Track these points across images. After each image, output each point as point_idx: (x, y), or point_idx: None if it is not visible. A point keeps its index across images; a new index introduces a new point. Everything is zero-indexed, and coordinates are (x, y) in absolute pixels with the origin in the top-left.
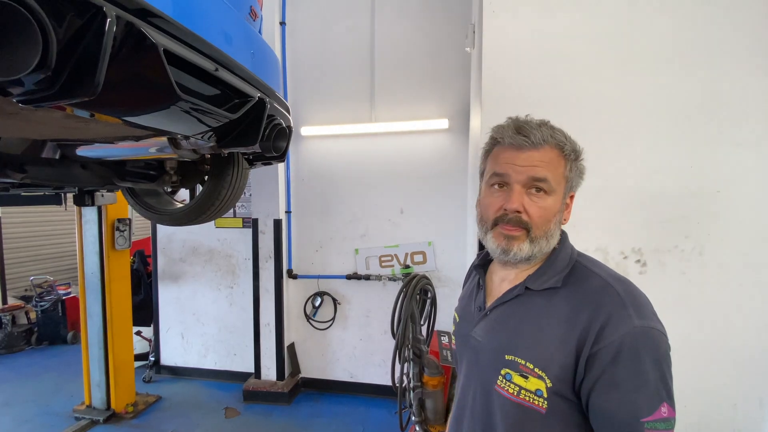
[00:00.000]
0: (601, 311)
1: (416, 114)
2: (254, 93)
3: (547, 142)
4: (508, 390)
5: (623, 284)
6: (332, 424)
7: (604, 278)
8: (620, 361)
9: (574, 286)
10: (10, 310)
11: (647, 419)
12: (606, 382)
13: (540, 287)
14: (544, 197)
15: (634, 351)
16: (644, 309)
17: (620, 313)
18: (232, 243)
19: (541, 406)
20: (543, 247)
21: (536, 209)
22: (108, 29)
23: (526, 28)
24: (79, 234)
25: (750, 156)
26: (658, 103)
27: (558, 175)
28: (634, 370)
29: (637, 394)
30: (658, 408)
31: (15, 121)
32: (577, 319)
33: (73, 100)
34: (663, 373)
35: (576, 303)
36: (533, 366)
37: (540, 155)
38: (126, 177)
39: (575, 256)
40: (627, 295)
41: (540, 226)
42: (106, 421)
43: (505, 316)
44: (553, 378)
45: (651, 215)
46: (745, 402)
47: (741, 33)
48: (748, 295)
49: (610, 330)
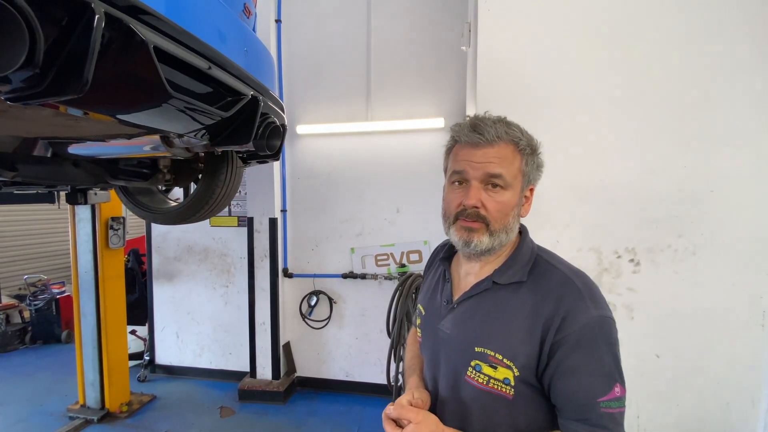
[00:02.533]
0: (562, 304)
1: (412, 113)
2: (247, 91)
3: (501, 138)
4: (477, 380)
5: (581, 278)
6: (328, 423)
7: (564, 272)
8: (580, 348)
9: (537, 280)
10: (3, 309)
11: (603, 399)
12: (567, 368)
13: (506, 281)
14: (501, 192)
15: (591, 339)
16: (599, 300)
17: (579, 305)
18: (227, 242)
19: (508, 393)
20: (503, 240)
21: (493, 204)
22: (96, 26)
23: (522, 27)
24: (72, 232)
25: (743, 156)
26: (652, 102)
27: (514, 170)
28: (592, 356)
29: (594, 378)
30: (612, 388)
31: (4, 119)
32: (541, 311)
33: (61, 98)
34: (615, 356)
35: (539, 296)
36: (502, 357)
37: (495, 152)
38: (119, 175)
39: (536, 250)
40: (585, 288)
41: (498, 220)
42: (100, 421)
43: (474, 309)
44: (520, 367)
45: (644, 215)
46: (738, 401)
47: (734, 32)
48: (741, 295)
49: (571, 321)
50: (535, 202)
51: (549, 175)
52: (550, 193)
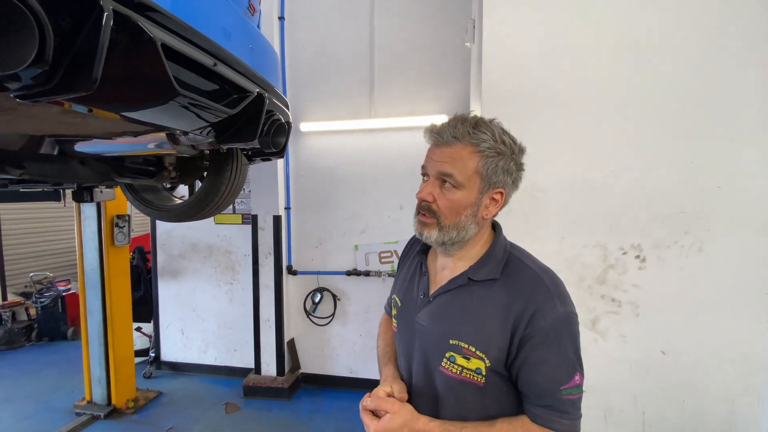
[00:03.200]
0: (532, 300)
1: (416, 109)
2: (253, 88)
3: (459, 139)
4: (451, 370)
5: (549, 275)
6: (332, 419)
7: (535, 270)
8: (546, 342)
9: (509, 278)
10: (10, 307)
11: (565, 386)
12: (535, 360)
13: (481, 278)
14: (453, 191)
15: (558, 333)
16: (565, 297)
17: (548, 302)
18: (232, 239)
19: (479, 381)
20: (453, 236)
21: (443, 201)
22: (105, 23)
23: (527, 23)
24: (78, 230)
25: (750, 151)
26: (658, 98)
27: (468, 170)
28: (557, 349)
29: (559, 369)
30: (573, 377)
31: (12, 117)
32: (512, 307)
33: (70, 96)
34: (577, 348)
35: (511, 293)
36: (475, 349)
37: (450, 151)
38: (125, 173)
39: (508, 248)
40: (553, 286)
41: (447, 217)
42: (106, 417)
43: (449, 303)
44: (492, 359)
45: (650, 211)
46: (744, 398)
47: (739, 26)
48: (747, 291)
49: (539, 317)
50: (540, 198)
51: (554, 170)
52: (556, 189)
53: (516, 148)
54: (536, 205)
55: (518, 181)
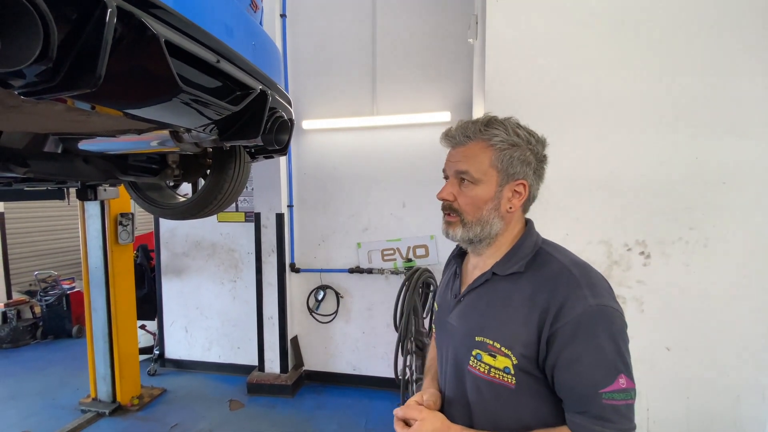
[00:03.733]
0: (558, 293)
1: (418, 107)
2: (256, 85)
3: (471, 138)
4: (479, 369)
5: (580, 267)
6: (335, 416)
7: (563, 262)
8: (578, 338)
9: (535, 270)
10: (15, 305)
11: (605, 390)
12: (567, 358)
13: (505, 272)
14: (471, 187)
15: (590, 327)
16: (599, 289)
17: (576, 293)
18: (235, 237)
19: (510, 382)
20: (477, 232)
21: (463, 198)
22: (109, 20)
23: (530, 18)
24: (82, 229)
25: (755, 147)
26: (663, 93)
27: (483, 166)
28: (591, 345)
29: (595, 368)
30: (615, 379)
31: (17, 115)
32: (537, 301)
33: (74, 92)
34: (619, 347)
35: (537, 285)
36: (500, 345)
37: (464, 150)
38: (128, 171)
39: (540, 243)
40: (583, 277)
41: (469, 213)
42: (111, 414)
43: (476, 300)
44: (518, 356)
45: (655, 207)
46: (749, 394)
47: (747, 22)
48: (753, 287)
49: (567, 309)
50: (544, 194)
51: (558, 168)
52: (560, 185)
53: (533, 139)
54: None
55: (542, 173)
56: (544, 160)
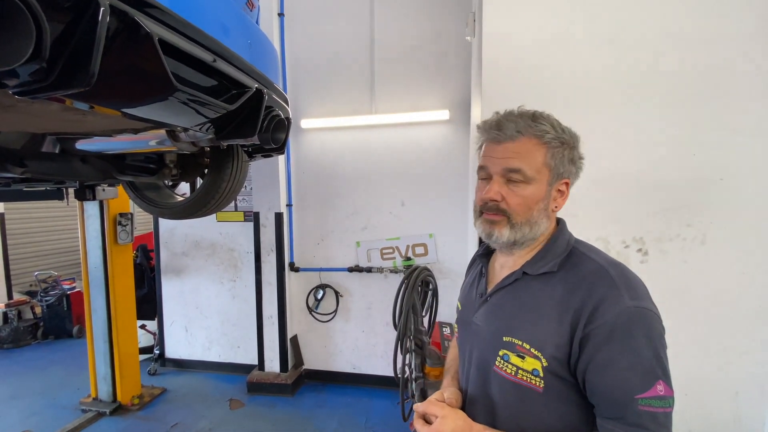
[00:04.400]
0: (594, 293)
1: (417, 105)
2: (252, 84)
3: (523, 133)
4: (506, 370)
5: (617, 268)
6: (335, 414)
7: (599, 262)
8: (613, 340)
9: (569, 270)
10: (15, 305)
11: (642, 396)
12: (600, 361)
13: (537, 272)
14: (523, 186)
15: (627, 330)
16: (637, 290)
17: (613, 294)
18: (234, 236)
19: (538, 385)
20: (526, 233)
21: (514, 198)
22: (101, 19)
23: (527, 16)
24: (81, 229)
25: (753, 144)
26: (659, 90)
27: (537, 163)
28: (627, 348)
29: (631, 372)
30: (653, 385)
31: (12, 114)
32: (571, 301)
33: (68, 91)
34: (657, 351)
35: (570, 285)
36: (530, 346)
37: (515, 146)
38: (126, 171)
39: (572, 243)
40: (620, 278)
41: (520, 213)
42: (112, 413)
43: (504, 300)
44: (549, 357)
45: (653, 204)
46: (747, 390)
47: (740, 18)
48: (751, 284)
49: (603, 311)
50: None
51: None
52: None
53: (575, 138)
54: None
55: (580, 171)
56: (582, 158)
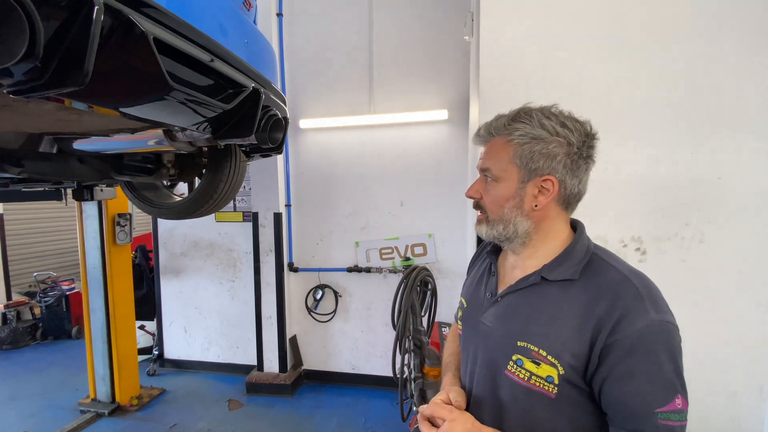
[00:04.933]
0: (618, 303)
1: (415, 105)
2: (248, 83)
3: (494, 134)
4: (518, 375)
5: (640, 278)
6: (334, 415)
7: (622, 272)
8: (637, 353)
9: (591, 278)
10: (14, 306)
11: (661, 409)
12: (621, 373)
13: (556, 278)
14: (494, 185)
15: (650, 344)
16: (660, 303)
17: (638, 306)
18: (233, 237)
19: (550, 391)
20: (500, 230)
21: (487, 196)
22: (96, 18)
23: (524, 15)
24: (80, 229)
25: (750, 141)
26: (658, 90)
27: (502, 162)
28: (650, 361)
29: (653, 385)
30: (672, 399)
31: (8, 114)
32: (594, 310)
33: (62, 90)
34: (677, 365)
35: (593, 294)
36: (546, 353)
37: (488, 147)
38: (123, 171)
39: (592, 248)
40: (644, 290)
41: (492, 211)
42: (111, 414)
43: (519, 303)
44: (566, 366)
45: (651, 203)
46: (746, 390)
47: (741, 17)
48: (749, 283)
49: (627, 322)
50: None
51: None
52: None
53: (564, 131)
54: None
55: (577, 167)
56: (580, 152)
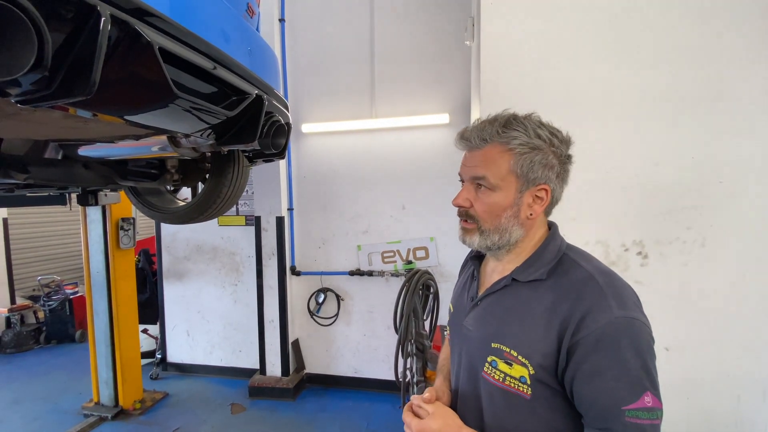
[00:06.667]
0: (581, 302)
1: (417, 109)
2: (252, 90)
3: (488, 141)
4: (493, 376)
5: (606, 276)
6: (337, 418)
7: (588, 270)
8: (600, 350)
9: (558, 278)
10: (18, 310)
11: (628, 407)
12: (587, 371)
13: (526, 278)
14: (489, 194)
15: (614, 340)
16: (626, 300)
17: (600, 303)
18: (236, 241)
19: (525, 392)
20: (495, 240)
21: (480, 205)
22: (102, 28)
23: (525, 20)
24: (84, 234)
25: (752, 145)
26: (659, 94)
27: (501, 171)
28: (614, 358)
29: (618, 383)
30: (640, 397)
31: (15, 122)
32: (559, 309)
33: (70, 100)
34: (645, 362)
35: (559, 294)
36: (517, 354)
37: (481, 154)
38: (128, 176)
39: (564, 249)
40: (608, 287)
41: (487, 221)
42: (114, 418)
43: (493, 305)
44: (536, 366)
45: (652, 207)
46: (749, 393)
47: (743, 20)
48: (751, 286)
49: (591, 320)
50: None
51: None
52: None
53: (556, 140)
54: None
55: (565, 175)
56: (567, 161)
